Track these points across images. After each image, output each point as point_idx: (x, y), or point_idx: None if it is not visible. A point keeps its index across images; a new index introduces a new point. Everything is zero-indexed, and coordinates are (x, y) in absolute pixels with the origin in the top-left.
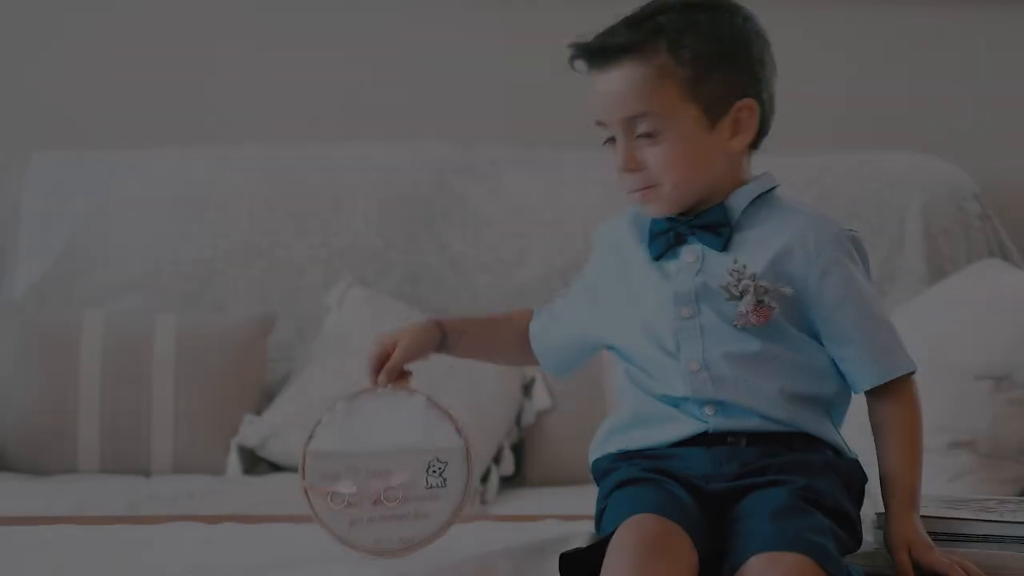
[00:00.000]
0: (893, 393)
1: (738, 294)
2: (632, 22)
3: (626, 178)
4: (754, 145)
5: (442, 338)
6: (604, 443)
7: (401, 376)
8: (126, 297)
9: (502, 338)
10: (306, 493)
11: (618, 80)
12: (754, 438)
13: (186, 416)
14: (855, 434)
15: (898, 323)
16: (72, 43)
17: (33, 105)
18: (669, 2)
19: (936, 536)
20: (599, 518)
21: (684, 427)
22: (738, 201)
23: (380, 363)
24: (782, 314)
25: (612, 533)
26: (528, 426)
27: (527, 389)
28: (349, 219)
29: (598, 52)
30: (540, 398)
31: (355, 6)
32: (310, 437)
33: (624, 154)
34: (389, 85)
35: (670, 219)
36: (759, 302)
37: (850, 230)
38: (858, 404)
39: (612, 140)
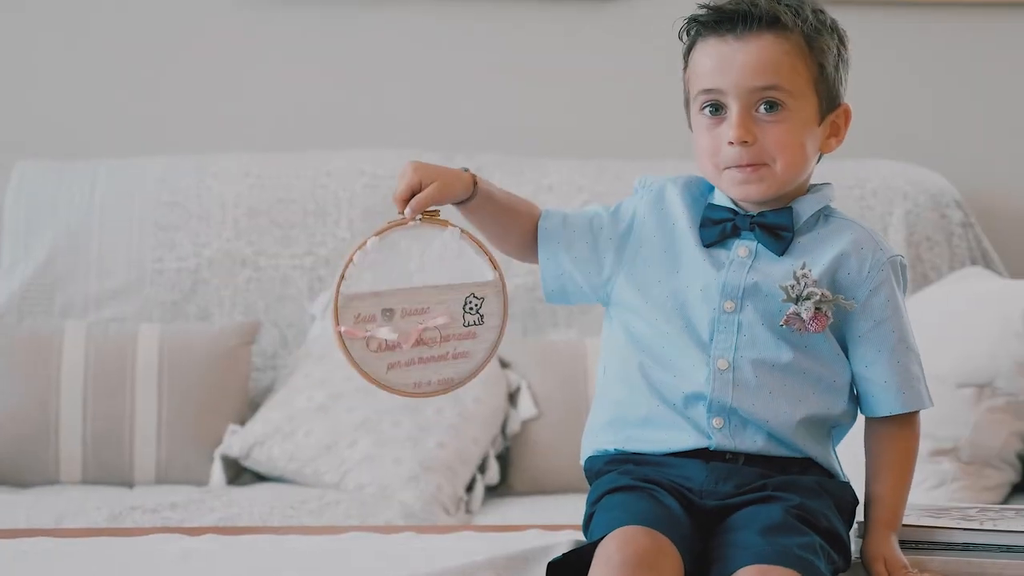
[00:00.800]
0: (903, 423)
1: (796, 297)
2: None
3: (736, 151)
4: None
5: (472, 192)
6: (600, 435)
7: (430, 211)
8: (109, 307)
9: (517, 222)
10: (341, 338)
11: (758, 48)
12: (752, 459)
13: (169, 426)
14: (842, 448)
15: None
16: (55, 52)
17: (16, 114)
18: None
19: (918, 545)
20: (587, 522)
21: (686, 439)
22: (806, 208)
23: (412, 194)
24: (830, 325)
25: (600, 540)
26: (513, 435)
27: (512, 398)
28: (333, 228)
29: (743, 18)
30: (525, 407)
31: (339, 16)
32: (341, 278)
33: (742, 125)
34: (372, 94)
35: (731, 209)
36: (818, 309)
37: (900, 256)
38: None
39: (714, 111)
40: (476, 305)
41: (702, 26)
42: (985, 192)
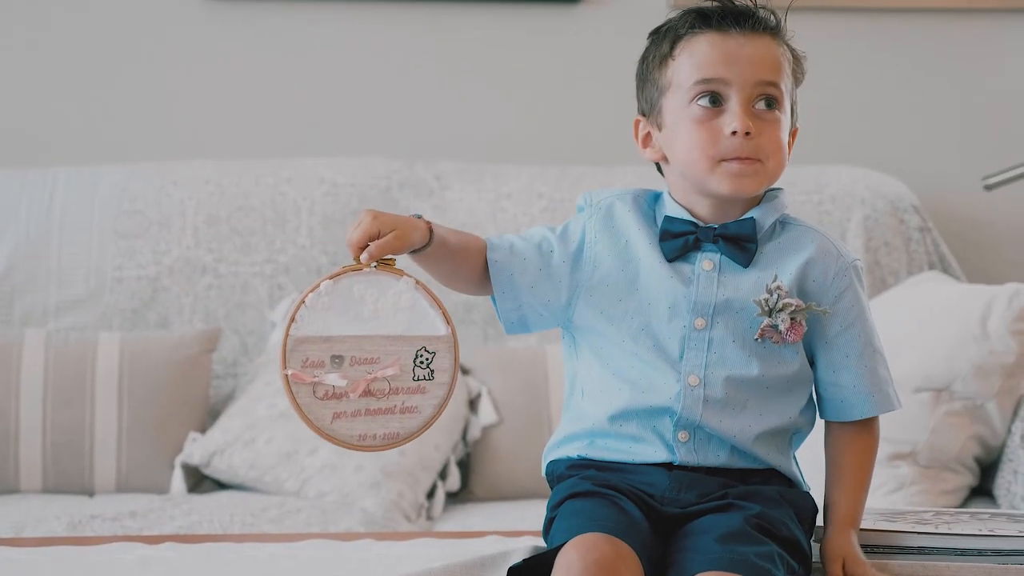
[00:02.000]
0: (867, 425)
1: (770, 310)
2: (762, 7)
3: (737, 142)
4: None
5: (428, 240)
6: (564, 446)
7: (386, 260)
8: (69, 315)
9: (467, 260)
10: (287, 382)
11: (764, 46)
12: (715, 469)
13: (130, 434)
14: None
15: None
16: (13, 60)
17: None
18: (767, 5)
19: (875, 548)
20: (547, 526)
21: (651, 453)
22: (765, 217)
23: (369, 241)
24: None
25: (560, 546)
26: (474, 441)
27: (473, 404)
28: (294, 235)
29: (750, 17)
30: (486, 413)
31: (298, 25)
32: (291, 320)
33: (746, 119)
34: (332, 102)
35: (690, 222)
36: (793, 319)
37: (858, 259)
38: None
39: (712, 102)
40: (427, 359)
41: (703, 19)
42: (942, 197)
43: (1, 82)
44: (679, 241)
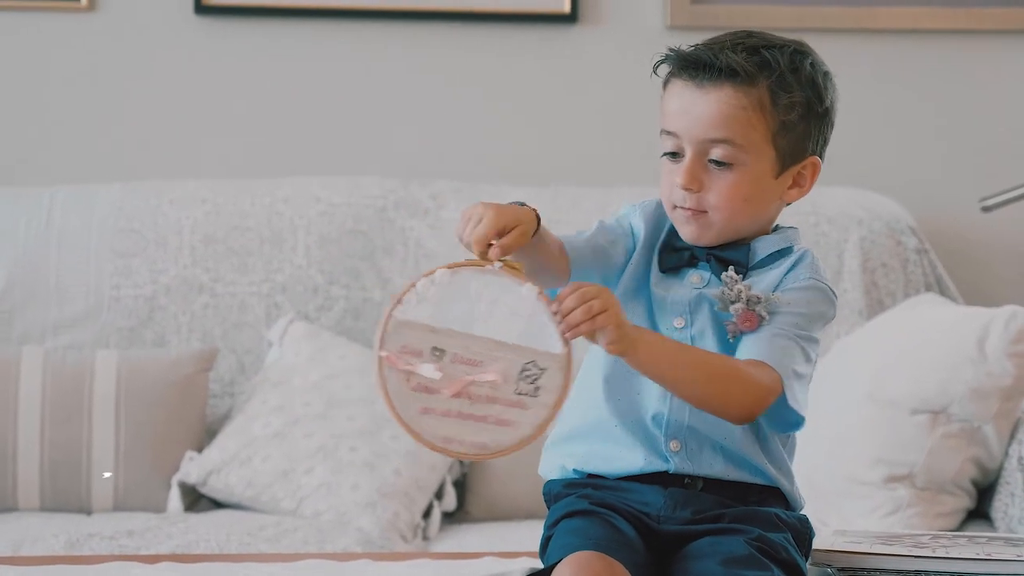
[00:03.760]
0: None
1: (728, 301)
2: (743, 48)
3: (680, 194)
4: None
5: (536, 231)
6: (561, 446)
7: (509, 262)
8: (66, 333)
9: (554, 258)
10: (380, 363)
11: (715, 101)
12: (711, 484)
13: (127, 453)
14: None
15: (836, 357)
16: (10, 78)
17: None
18: (778, 40)
19: (871, 573)
20: (544, 545)
21: (643, 461)
22: (765, 247)
23: (496, 236)
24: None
25: (555, 564)
26: (470, 461)
27: None
28: (290, 254)
29: (705, 67)
30: None
31: (295, 44)
32: (398, 301)
33: (689, 172)
34: (329, 120)
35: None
36: (749, 308)
37: (828, 286)
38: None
39: (673, 155)
40: (534, 375)
41: (678, 63)
42: (940, 219)
43: None
44: (676, 255)
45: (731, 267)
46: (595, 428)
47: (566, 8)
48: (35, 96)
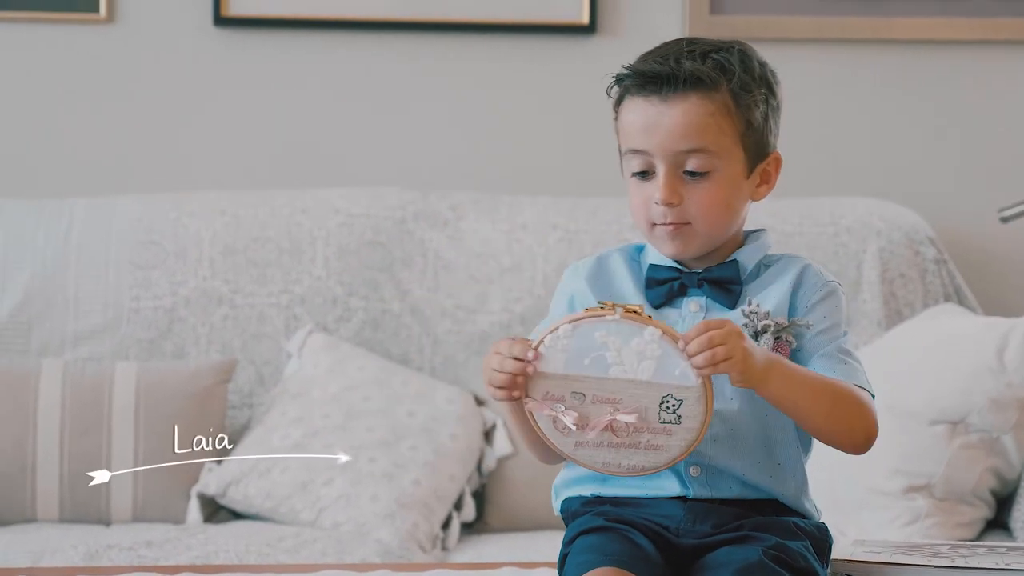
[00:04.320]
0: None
1: (753, 334)
2: (697, 55)
3: (659, 211)
4: None
5: None
6: (574, 486)
7: (631, 307)
8: (86, 345)
9: None
10: (531, 415)
11: (682, 112)
12: (730, 501)
13: (146, 464)
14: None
15: None
16: (30, 90)
17: None
18: (720, 43)
19: None
20: (562, 562)
21: (665, 487)
22: (748, 259)
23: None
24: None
25: None
26: (489, 472)
27: (488, 435)
28: (309, 266)
29: (667, 80)
30: (501, 444)
31: (314, 56)
32: (534, 358)
33: (668, 187)
34: (348, 132)
35: (675, 268)
36: (777, 338)
37: (838, 283)
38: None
39: (641, 174)
40: (674, 405)
41: (633, 81)
42: (958, 229)
43: (18, 114)
44: (664, 288)
45: (753, 300)
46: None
47: (585, 19)
48: (54, 108)
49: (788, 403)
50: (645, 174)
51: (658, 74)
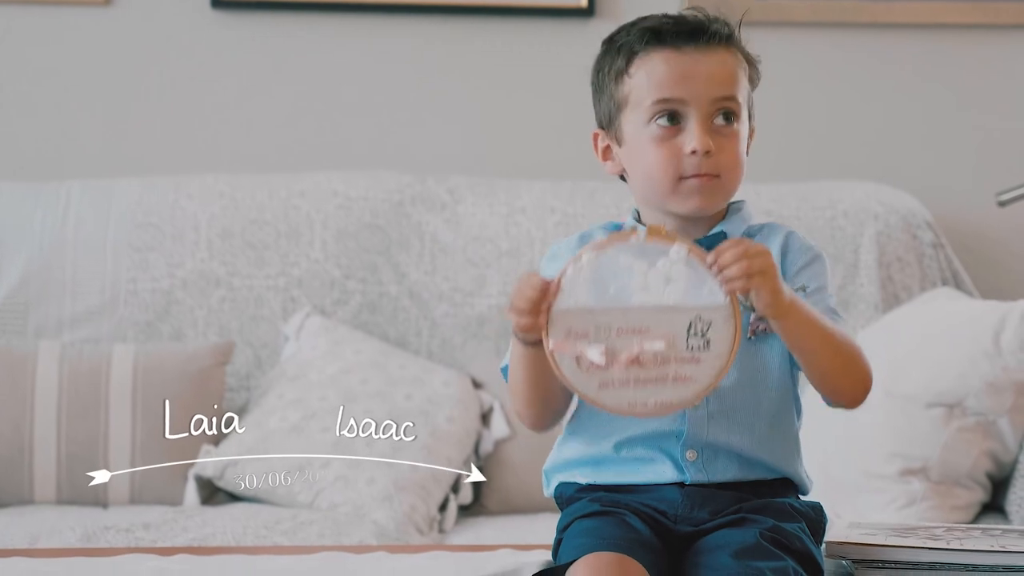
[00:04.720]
0: None
1: (752, 304)
2: (715, 19)
3: (696, 160)
4: None
5: None
6: (568, 470)
7: (655, 225)
8: (83, 327)
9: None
10: (552, 356)
11: (719, 61)
12: (727, 484)
13: (143, 446)
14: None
15: None
16: (27, 72)
17: None
18: (721, 15)
19: (884, 564)
20: (556, 548)
21: (661, 474)
22: (735, 228)
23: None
24: None
25: (569, 563)
26: (486, 455)
27: (485, 418)
28: (307, 248)
29: (704, 31)
30: (498, 427)
31: (311, 39)
32: (554, 294)
33: (707, 136)
34: (345, 115)
35: None
36: None
37: (811, 243)
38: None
39: (670, 120)
40: (702, 329)
41: (657, 36)
42: (956, 213)
43: (16, 96)
44: None
45: None
46: (604, 453)
47: (583, 2)
48: (52, 90)
49: (804, 341)
50: (673, 119)
51: (697, 24)
